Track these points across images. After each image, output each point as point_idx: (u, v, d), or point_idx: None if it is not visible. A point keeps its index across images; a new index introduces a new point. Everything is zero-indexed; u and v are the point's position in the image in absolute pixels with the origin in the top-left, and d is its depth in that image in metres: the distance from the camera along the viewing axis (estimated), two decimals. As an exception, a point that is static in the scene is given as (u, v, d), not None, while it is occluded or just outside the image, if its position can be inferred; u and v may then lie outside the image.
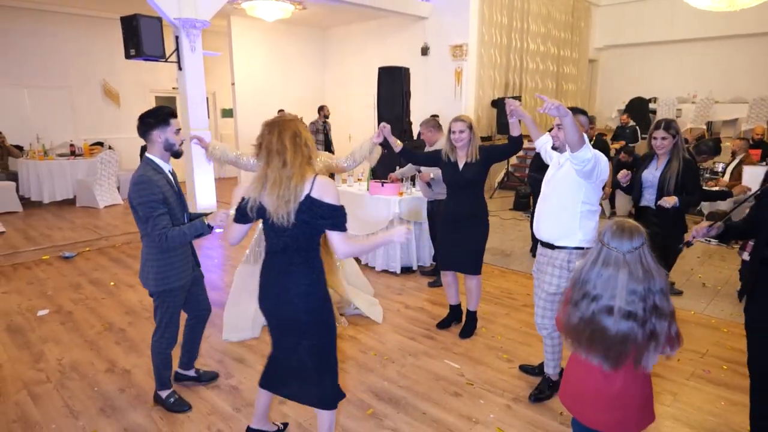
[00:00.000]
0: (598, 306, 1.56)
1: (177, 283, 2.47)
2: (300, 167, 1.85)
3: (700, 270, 4.87)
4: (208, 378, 2.91)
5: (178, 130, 2.45)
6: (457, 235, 3.30)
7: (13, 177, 7.74)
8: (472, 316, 3.50)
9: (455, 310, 3.64)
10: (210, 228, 2.37)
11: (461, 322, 3.60)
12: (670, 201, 3.16)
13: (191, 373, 2.88)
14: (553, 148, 2.56)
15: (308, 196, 1.85)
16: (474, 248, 3.30)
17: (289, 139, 1.86)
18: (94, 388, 2.85)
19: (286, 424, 2.49)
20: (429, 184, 4.23)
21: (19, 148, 8.19)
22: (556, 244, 2.49)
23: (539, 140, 2.90)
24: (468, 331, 3.47)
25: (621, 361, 1.56)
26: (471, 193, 3.25)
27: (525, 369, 3.02)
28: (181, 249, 2.49)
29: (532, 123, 2.88)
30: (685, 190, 3.25)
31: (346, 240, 1.93)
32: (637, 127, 8.67)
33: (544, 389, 2.72)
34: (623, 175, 3.32)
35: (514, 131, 3.01)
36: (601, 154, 2.35)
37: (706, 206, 6.21)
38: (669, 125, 3.20)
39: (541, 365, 2.98)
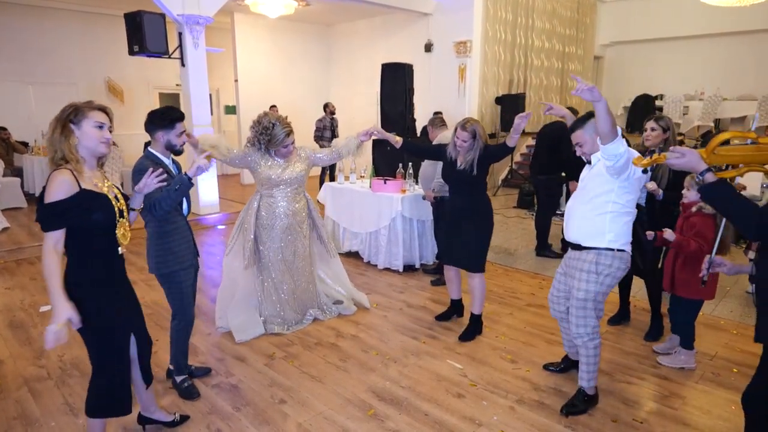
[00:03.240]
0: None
1: (176, 266, 2.56)
2: (49, 164, 1.89)
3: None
4: (200, 373, 2.93)
5: (182, 132, 2.54)
6: (458, 230, 3.29)
7: (18, 173, 7.77)
8: (474, 320, 3.42)
9: (456, 304, 3.67)
10: (189, 179, 2.36)
11: (462, 316, 3.63)
12: (654, 186, 3.07)
13: None
14: (563, 163, 2.51)
15: (42, 190, 1.86)
16: (473, 245, 3.26)
17: (48, 137, 1.89)
18: (94, 385, 2.83)
19: (185, 417, 2.49)
20: (435, 198, 4.24)
21: (24, 144, 8.21)
22: (584, 244, 2.42)
23: None
24: (469, 335, 3.38)
25: None
26: (470, 190, 3.26)
27: (548, 368, 2.98)
28: (179, 234, 2.57)
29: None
30: (675, 189, 3.16)
31: (51, 245, 1.82)
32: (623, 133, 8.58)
33: (578, 403, 2.56)
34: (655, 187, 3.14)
35: (511, 142, 3.08)
36: (632, 150, 2.28)
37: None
38: (660, 118, 3.16)
39: (565, 359, 2.94)
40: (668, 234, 2.85)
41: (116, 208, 1.97)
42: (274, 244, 3.36)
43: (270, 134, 3.14)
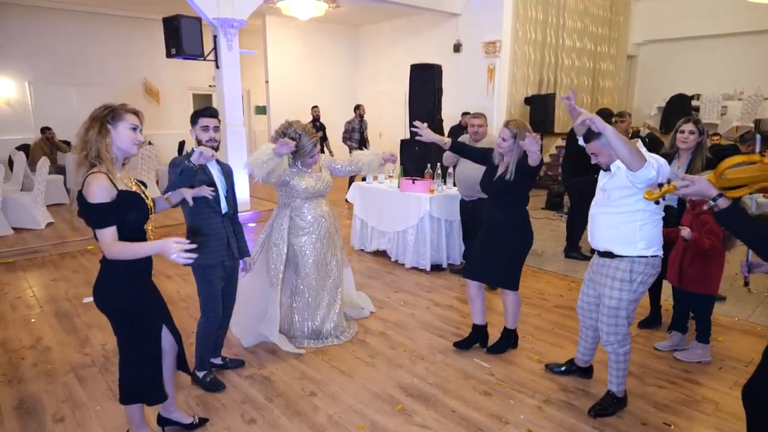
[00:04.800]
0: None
1: (203, 261, 2.57)
2: (80, 161, 1.92)
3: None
4: (234, 365, 3.03)
5: (205, 127, 2.59)
6: (488, 241, 3.06)
7: (61, 171, 8.14)
8: (506, 333, 3.21)
9: (478, 331, 3.24)
10: (190, 163, 2.36)
11: (485, 346, 3.24)
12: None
13: (218, 360, 2.99)
14: (595, 165, 2.39)
15: (80, 191, 1.91)
16: (506, 261, 3.00)
17: (81, 135, 1.93)
18: (135, 373, 2.97)
19: (204, 419, 2.48)
20: None
21: (67, 143, 8.58)
22: (616, 253, 2.37)
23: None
24: (498, 348, 3.19)
25: None
26: (508, 202, 2.99)
27: (551, 368, 2.97)
28: (209, 230, 2.63)
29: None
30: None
31: (110, 239, 1.90)
32: (654, 133, 8.45)
33: (607, 406, 2.54)
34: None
35: (531, 161, 2.77)
36: (657, 157, 2.20)
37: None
38: (698, 121, 3.08)
39: (569, 363, 2.94)
40: (686, 232, 2.84)
41: (148, 206, 2.06)
42: (317, 252, 3.23)
43: (297, 145, 3.04)
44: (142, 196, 2.05)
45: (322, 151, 7.05)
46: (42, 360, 3.15)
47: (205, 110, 2.63)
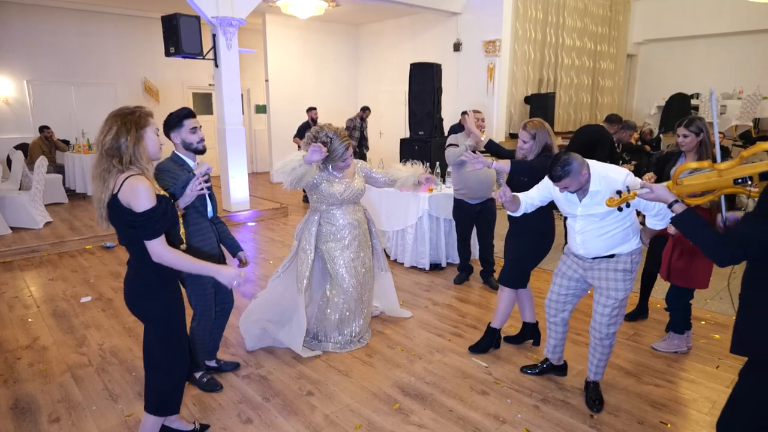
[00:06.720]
0: None
1: None
2: (108, 165, 1.82)
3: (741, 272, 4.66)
4: (229, 368, 2.99)
5: (194, 128, 2.52)
6: (508, 240, 3.17)
7: (60, 170, 8.13)
8: (487, 332, 3.22)
9: (527, 328, 3.29)
10: (192, 173, 2.40)
11: (538, 345, 3.28)
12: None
13: (212, 363, 2.95)
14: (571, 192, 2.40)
15: (114, 196, 1.82)
16: (511, 258, 3.10)
17: (109, 142, 1.83)
18: (132, 373, 2.97)
19: (205, 426, 2.46)
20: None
21: (66, 142, 8.58)
22: (616, 252, 2.43)
23: (528, 198, 2.67)
24: (479, 347, 3.20)
25: None
26: None
27: (524, 370, 2.96)
28: (200, 236, 2.59)
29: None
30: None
31: (163, 246, 1.86)
32: (661, 136, 8.60)
33: (600, 396, 2.63)
34: None
35: (506, 169, 2.89)
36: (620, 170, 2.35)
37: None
38: (691, 123, 3.03)
39: (543, 362, 2.93)
40: (672, 229, 2.85)
41: (176, 209, 2.04)
42: (346, 258, 3.15)
43: (329, 149, 2.94)
44: (171, 200, 2.02)
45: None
46: (38, 360, 3.14)
47: (184, 111, 2.53)
